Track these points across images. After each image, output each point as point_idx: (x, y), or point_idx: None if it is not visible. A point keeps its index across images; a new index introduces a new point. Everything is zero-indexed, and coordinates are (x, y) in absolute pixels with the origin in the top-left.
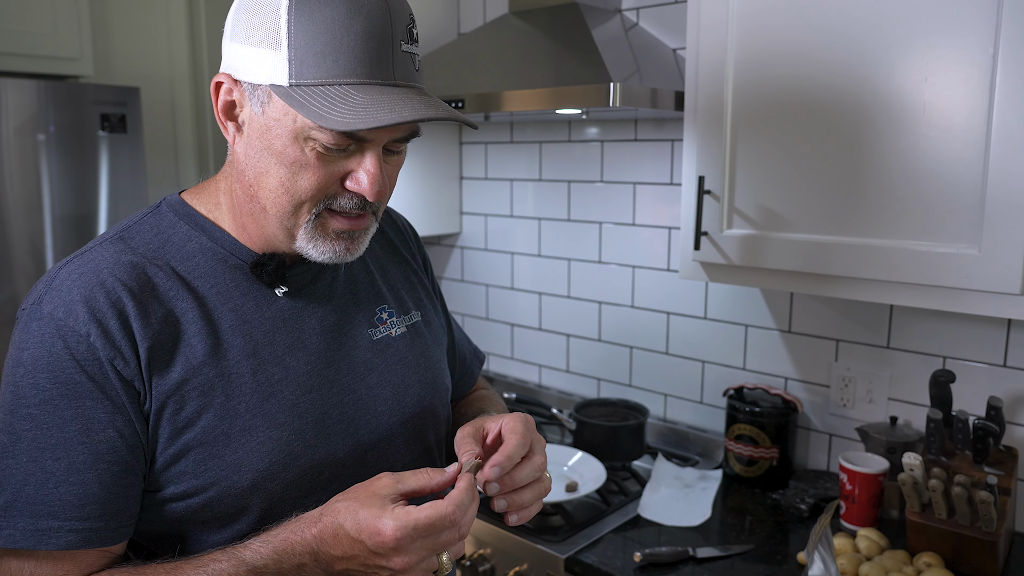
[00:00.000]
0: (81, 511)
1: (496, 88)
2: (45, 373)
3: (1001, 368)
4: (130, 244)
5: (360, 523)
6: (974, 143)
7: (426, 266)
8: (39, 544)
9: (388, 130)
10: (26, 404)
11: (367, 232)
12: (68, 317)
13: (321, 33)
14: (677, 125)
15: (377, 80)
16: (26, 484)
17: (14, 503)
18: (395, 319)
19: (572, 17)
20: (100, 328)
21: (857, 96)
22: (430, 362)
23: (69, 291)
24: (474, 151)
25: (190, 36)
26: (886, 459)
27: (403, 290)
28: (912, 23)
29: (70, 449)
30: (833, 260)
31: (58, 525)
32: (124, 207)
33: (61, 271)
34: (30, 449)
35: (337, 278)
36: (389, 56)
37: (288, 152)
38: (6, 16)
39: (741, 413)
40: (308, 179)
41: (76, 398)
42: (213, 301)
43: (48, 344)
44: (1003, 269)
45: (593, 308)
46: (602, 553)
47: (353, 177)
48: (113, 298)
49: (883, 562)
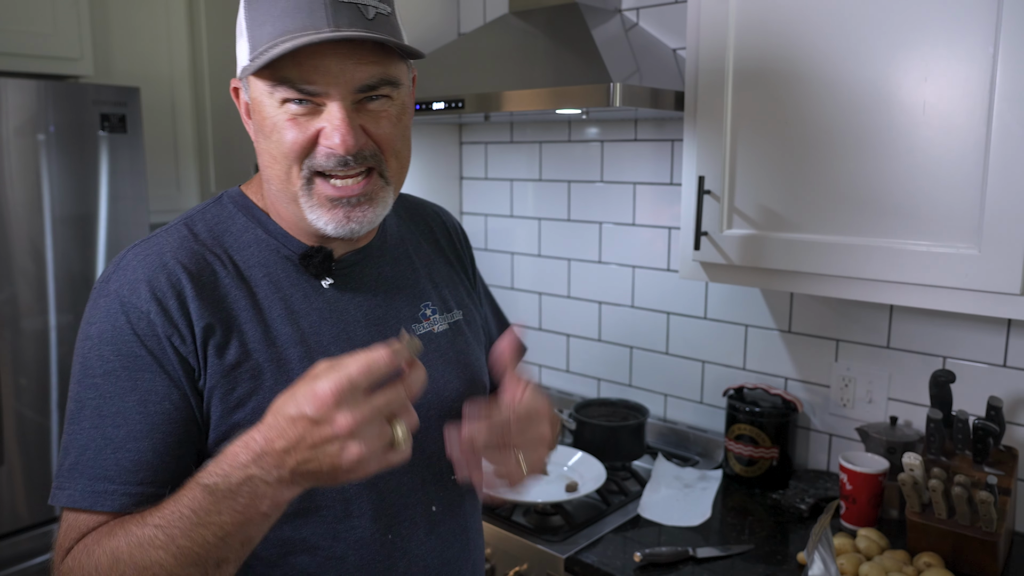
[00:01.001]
0: (135, 476)
1: (496, 88)
2: (109, 346)
3: (1001, 368)
4: (193, 231)
5: (296, 397)
6: (974, 143)
7: (473, 267)
8: (95, 505)
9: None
10: (91, 374)
11: (374, 198)
12: (131, 295)
13: (261, 7)
14: (677, 125)
15: (309, 31)
16: (87, 448)
17: (76, 465)
18: (438, 316)
19: (572, 17)
20: (160, 306)
21: (857, 96)
22: (469, 359)
23: (134, 271)
24: (474, 151)
25: (190, 36)
26: (886, 459)
27: (447, 288)
28: (912, 23)
29: (128, 418)
30: (833, 260)
31: (113, 488)
32: (124, 207)
33: (128, 253)
34: (92, 416)
35: (383, 273)
36: (322, 8)
37: (267, 124)
38: (6, 16)
39: (741, 413)
40: (285, 142)
41: (136, 371)
42: (264, 290)
43: (112, 319)
44: (1003, 269)
45: (593, 308)
46: (602, 553)
47: (323, 132)
48: (173, 280)
49: (883, 562)
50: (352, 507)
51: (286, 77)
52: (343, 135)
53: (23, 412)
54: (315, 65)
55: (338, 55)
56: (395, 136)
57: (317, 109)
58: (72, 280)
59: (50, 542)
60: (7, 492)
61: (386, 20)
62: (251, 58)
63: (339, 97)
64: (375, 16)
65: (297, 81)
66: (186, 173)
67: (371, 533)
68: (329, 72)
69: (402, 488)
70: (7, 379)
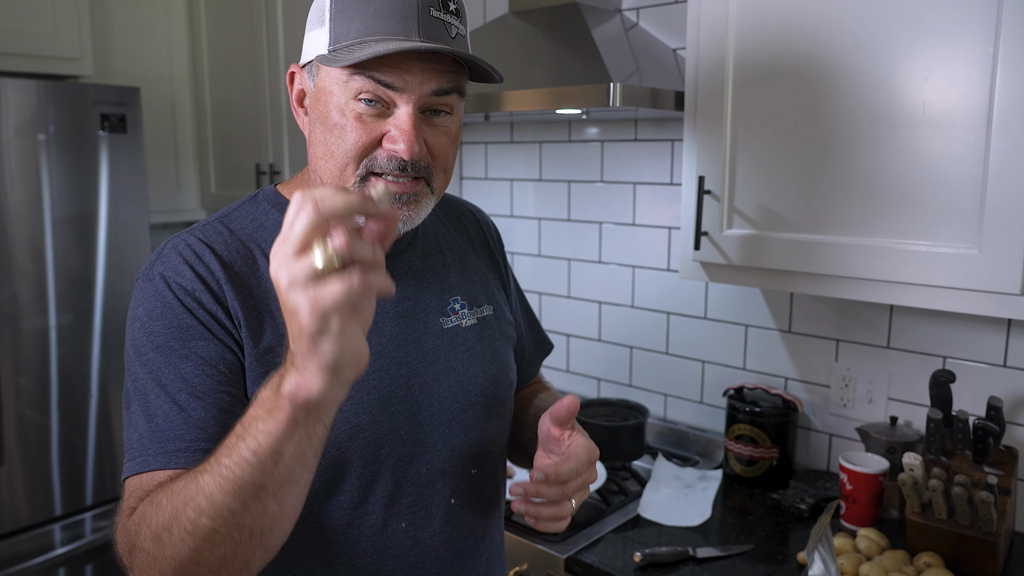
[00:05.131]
0: (205, 432)
1: (496, 88)
2: (159, 322)
3: (1001, 368)
4: (228, 227)
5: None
6: (974, 143)
7: (505, 264)
8: (169, 464)
9: (418, 83)
10: (144, 351)
11: (419, 202)
12: (177, 276)
13: (355, 3)
14: (677, 125)
15: (400, 36)
16: (155, 417)
17: (147, 435)
18: (467, 311)
19: (572, 17)
20: (204, 285)
21: (857, 95)
22: (496, 355)
23: (176, 258)
24: (474, 151)
25: (190, 36)
26: (886, 459)
27: (478, 284)
28: (912, 23)
29: (189, 381)
30: (833, 260)
31: (186, 446)
32: (124, 207)
33: (168, 243)
34: (154, 387)
35: (414, 266)
36: (415, 18)
37: (331, 117)
38: (6, 16)
39: (741, 413)
40: (348, 140)
41: (188, 340)
42: None
43: (161, 296)
44: (1003, 269)
45: (593, 308)
46: (602, 553)
47: (388, 136)
48: (213, 266)
49: (883, 562)
50: (368, 495)
51: (367, 69)
52: (410, 142)
53: (23, 412)
54: (398, 66)
55: (420, 61)
56: (449, 153)
57: (385, 112)
58: (72, 280)
59: (50, 542)
60: (7, 492)
61: (463, 42)
62: (332, 49)
63: (412, 101)
64: (456, 36)
65: (378, 75)
66: (186, 173)
67: (384, 520)
68: (410, 74)
69: (420, 479)
70: (7, 379)
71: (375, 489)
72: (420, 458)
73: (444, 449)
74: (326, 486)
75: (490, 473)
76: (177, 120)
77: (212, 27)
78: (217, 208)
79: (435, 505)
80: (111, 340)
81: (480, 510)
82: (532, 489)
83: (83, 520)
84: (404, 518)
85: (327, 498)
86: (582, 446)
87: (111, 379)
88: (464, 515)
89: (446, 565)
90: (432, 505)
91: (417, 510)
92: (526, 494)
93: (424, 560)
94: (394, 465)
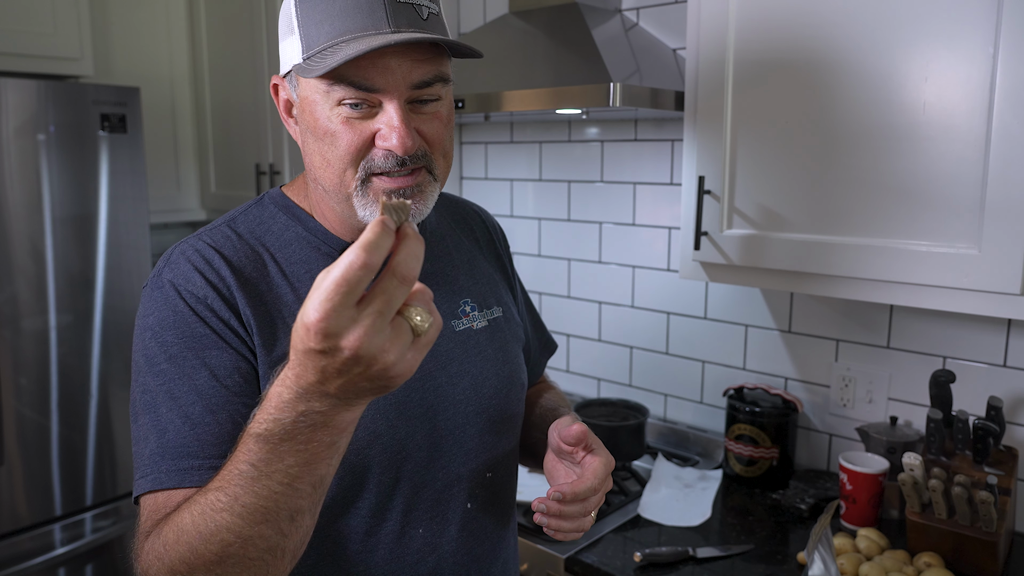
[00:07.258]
0: (218, 449)
1: (496, 88)
2: (171, 331)
3: (1001, 368)
4: (235, 231)
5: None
6: (974, 143)
7: (511, 265)
8: (183, 482)
9: (399, 78)
10: (156, 362)
11: (423, 192)
12: (187, 283)
13: (318, 5)
14: (677, 125)
15: (370, 31)
16: (166, 431)
17: (158, 451)
18: (477, 313)
19: (572, 17)
20: (216, 291)
21: (857, 96)
22: (508, 356)
23: (185, 264)
24: (474, 151)
25: (190, 36)
26: (886, 459)
27: (487, 285)
28: (912, 23)
29: (202, 393)
30: (833, 260)
31: (198, 463)
32: (124, 207)
33: (176, 249)
34: (166, 400)
35: (423, 269)
36: (381, 8)
37: (320, 126)
38: (6, 16)
39: (741, 413)
40: (340, 145)
41: (201, 349)
42: (307, 285)
43: (172, 304)
44: (1003, 269)
45: (593, 308)
46: (602, 553)
47: (380, 134)
48: (223, 273)
49: (883, 562)
50: (387, 502)
51: (344, 76)
52: (401, 136)
53: (23, 412)
54: (374, 64)
55: (397, 55)
56: (445, 137)
57: (371, 111)
58: (72, 280)
59: (50, 542)
60: (7, 492)
61: (437, 20)
62: (306, 57)
63: (397, 97)
64: (428, 16)
65: (356, 80)
66: (186, 173)
67: (402, 527)
68: (389, 71)
69: (437, 484)
70: (7, 379)
71: (394, 495)
72: (437, 463)
73: (460, 453)
74: (345, 494)
75: (505, 477)
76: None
77: (212, 27)
78: (217, 208)
79: (452, 510)
80: (111, 340)
81: (496, 514)
82: (555, 508)
83: (83, 520)
84: (421, 524)
85: (346, 506)
86: (599, 463)
87: (111, 379)
88: (480, 520)
89: (463, 571)
90: (449, 510)
91: (434, 515)
92: (548, 512)
93: (441, 566)
94: (412, 470)
